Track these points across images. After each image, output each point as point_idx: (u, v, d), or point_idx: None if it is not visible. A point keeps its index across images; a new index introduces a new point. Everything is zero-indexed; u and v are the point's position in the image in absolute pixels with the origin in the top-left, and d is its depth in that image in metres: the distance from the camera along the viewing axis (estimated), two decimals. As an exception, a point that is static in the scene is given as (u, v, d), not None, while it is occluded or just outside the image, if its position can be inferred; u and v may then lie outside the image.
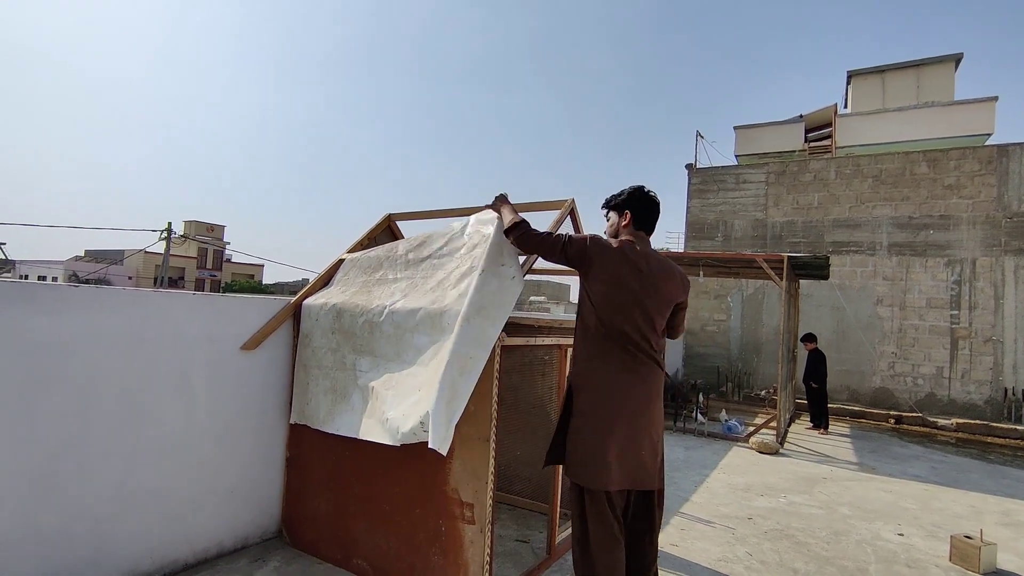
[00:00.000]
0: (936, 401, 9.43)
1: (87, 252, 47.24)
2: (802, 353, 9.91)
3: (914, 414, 8.92)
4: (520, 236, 2.41)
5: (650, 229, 2.42)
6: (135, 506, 2.48)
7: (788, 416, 7.97)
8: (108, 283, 35.72)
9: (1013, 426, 8.21)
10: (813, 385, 7.81)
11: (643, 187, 2.44)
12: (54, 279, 37.85)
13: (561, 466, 2.33)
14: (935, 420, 8.64)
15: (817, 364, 7.82)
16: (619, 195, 2.47)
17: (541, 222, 2.72)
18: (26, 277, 39.59)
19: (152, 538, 2.54)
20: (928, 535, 3.84)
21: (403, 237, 3.82)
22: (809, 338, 8.08)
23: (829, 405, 9.10)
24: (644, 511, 2.33)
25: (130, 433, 2.46)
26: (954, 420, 8.53)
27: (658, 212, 2.43)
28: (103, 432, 2.37)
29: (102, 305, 2.36)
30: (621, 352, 2.21)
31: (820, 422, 7.72)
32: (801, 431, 7.63)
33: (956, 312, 9.45)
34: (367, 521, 2.72)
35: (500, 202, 2.68)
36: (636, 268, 2.23)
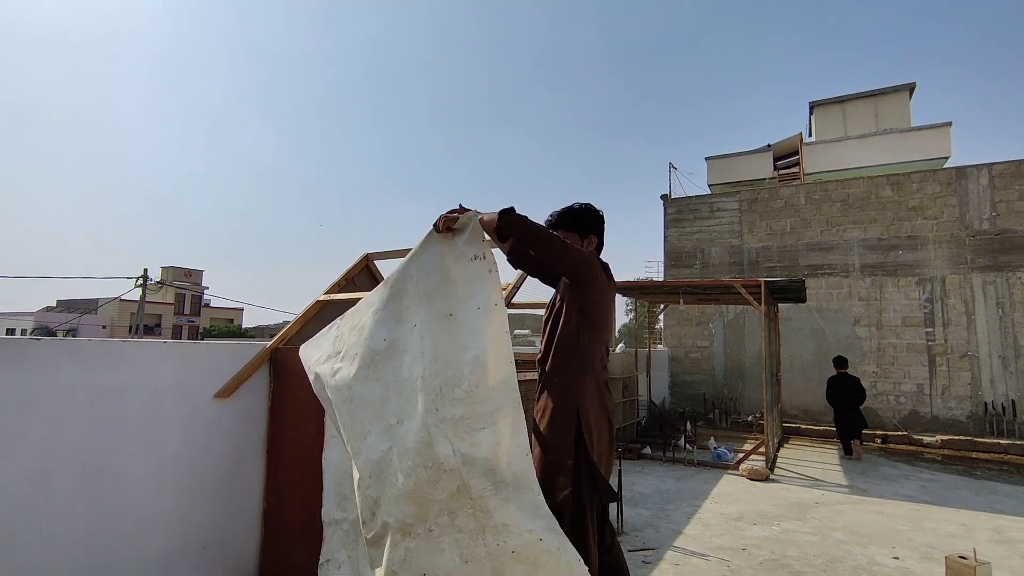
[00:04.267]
0: (920, 419, 9.51)
1: (59, 302, 46.08)
2: (786, 376, 10.01)
3: (899, 432, 8.97)
4: (524, 220, 1.99)
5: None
6: (101, 567, 2.33)
7: (776, 441, 7.94)
8: (76, 333, 34.74)
9: (996, 440, 8.30)
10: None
11: (593, 206, 2.30)
12: (23, 331, 36.70)
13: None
14: (920, 438, 8.69)
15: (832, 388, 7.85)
16: (576, 215, 2.25)
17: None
18: (-6, 330, 38.32)
19: (118, 605, 2.38)
20: (923, 557, 3.80)
21: (382, 276, 3.80)
22: (837, 362, 8.06)
23: (815, 427, 9.17)
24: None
25: (95, 491, 2.34)
26: (939, 437, 8.59)
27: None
28: (66, 491, 2.25)
29: (65, 358, 2.28)
30: (604, 371, 2.22)
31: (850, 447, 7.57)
32: (790, 455, 7.60)
33: (931, 329, 9.65)
34: (349, 574, 2.59)
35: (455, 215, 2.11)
36: (614, 288, 2.30)
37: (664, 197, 12.27)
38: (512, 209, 2.02)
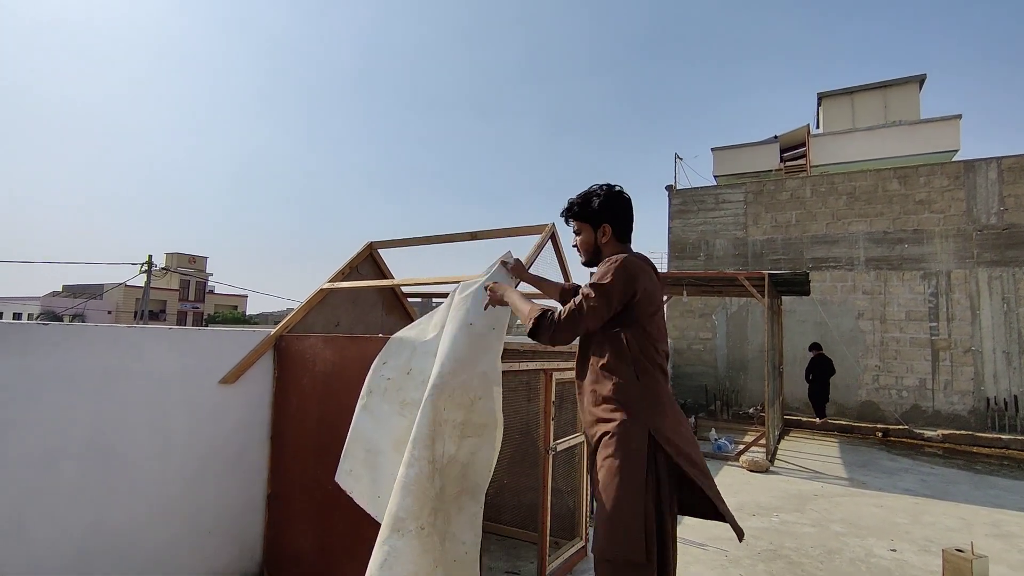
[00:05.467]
0: (921, 413, 9.51)
1: (64, 287, 46.33)
2: (788, 369, 10.02)
3: (900, 426, 8.98)
4: (551, 326, 1.81)
5: (630, 237, 2.02)
6: (107, 552, 2.37)
7: (777, 433, 7.97)
8: (83, 319, 34.98)
9: (997, 435, 8.30)
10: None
11: (615, 187, 1.99)
12: (30, 316, 36.97)
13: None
14: (921, 432, 8.70)
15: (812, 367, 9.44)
16: (588, 201, 1.98)
17: (522, 246, 2.71)
18: (0, 315, 38.63)
19: (125, 586, 2.42)
20: (921, 550, 3.82)
21: (385, 265, 3.81)
22: (811, 347, 9.64)
23: (816, 420, 9.25)
24: None
25: (102, 476, 2.37)
26: (940, 431, 8.60)
27: (633, 214, 2.02)
28: (73, 476, 2.29)
29: (73, 343, 2.30)
30: (667, 382, 1.93)
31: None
32: (791, 448, 7.63)
33: (935, 324, 9.61)
34: (352, 559, 2.63)
35: (504, 287, 2.11)
36: (657, 281, 1.94)
37: (669, 188, 12.21)
38: (536, 327, 1.83)
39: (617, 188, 2.00)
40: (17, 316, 37.86)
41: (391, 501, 1.98)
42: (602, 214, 1.97)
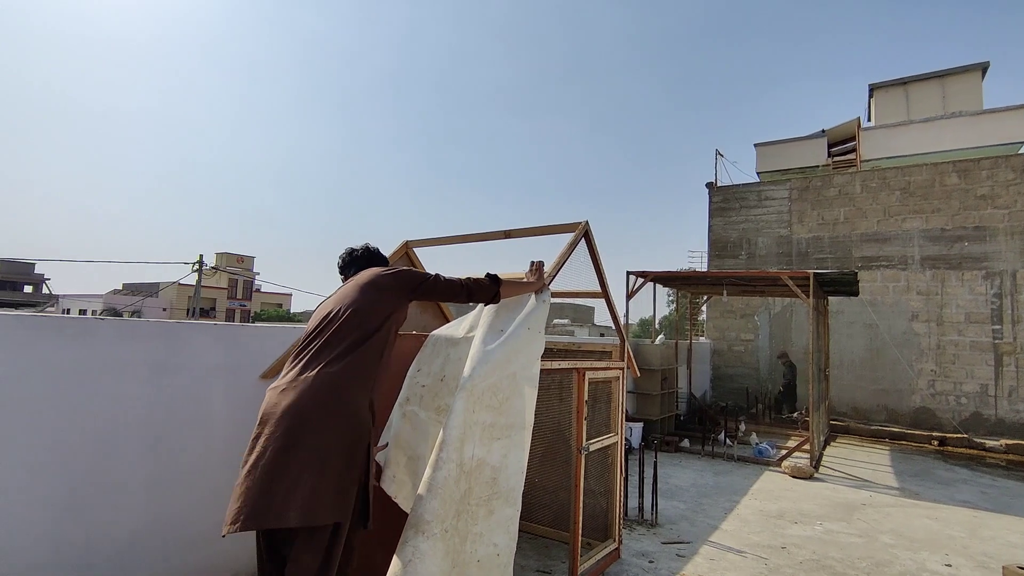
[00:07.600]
0: (982, 421, 8.96)
1: (124, 286, 49.03)
2: (835, 373, 9.64)
3: (959, 435, 8.48)
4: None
5: (347, 271, 2.46)
6: (155, 533, 2.50)
7: (822, 439, 7.66)
8: (140, 315, 36.92)
9: (1068, 447, 7.73)
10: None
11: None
12: (94, 312, 39.31)
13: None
14: (982, 441, 8.19)
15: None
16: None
17: (556, 244, 2.71)
18: (68, 311, 41.24)
19: (171, 565, 2.55)
20: (978, 565, 3.60)
21: (421, 264, 3.86)
22: (783, 355, 10.06)
23: (865, 426, 8.87)
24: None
25: (151, 461, 2.50)
26: (1003, 441, 8.07)
27: (347, 261, 2.48)
28: (126, 460, 2.42)
29: (127, 336, 2.43)
30: None
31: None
32: (837, 454, 7.32)
33: (999, 327, 9.04)
34: (386, 550, 2.68)
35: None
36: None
37: (709, 185, 11.92)
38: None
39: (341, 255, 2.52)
40: (83, 312, 40.33)
41: (417, 502, 1.99)
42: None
